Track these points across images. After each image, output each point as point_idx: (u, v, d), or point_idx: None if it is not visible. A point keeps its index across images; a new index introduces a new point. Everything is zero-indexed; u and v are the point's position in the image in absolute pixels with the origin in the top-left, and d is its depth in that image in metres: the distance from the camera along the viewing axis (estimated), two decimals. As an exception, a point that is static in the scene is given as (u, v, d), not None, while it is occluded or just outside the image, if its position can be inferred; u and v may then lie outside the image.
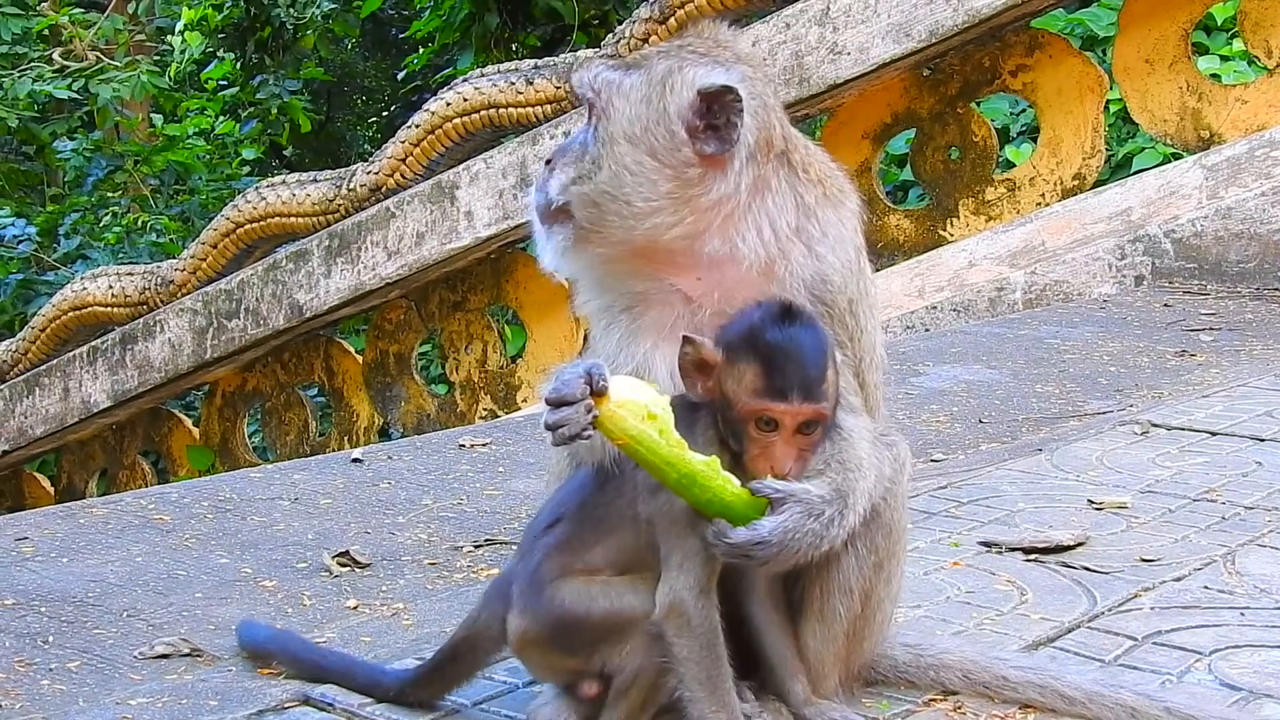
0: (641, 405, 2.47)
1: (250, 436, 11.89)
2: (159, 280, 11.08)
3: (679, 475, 2.48)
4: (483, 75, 10.16)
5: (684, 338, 2.58)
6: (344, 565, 4.06)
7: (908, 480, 2.82)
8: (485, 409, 10.48)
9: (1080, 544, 3.89)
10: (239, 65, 20.41)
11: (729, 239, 2.69)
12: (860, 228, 2.82)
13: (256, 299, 10.55)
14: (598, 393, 2.44)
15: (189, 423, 11.74)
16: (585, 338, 2.96)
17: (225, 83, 21.63)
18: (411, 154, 10.18)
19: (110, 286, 11.25)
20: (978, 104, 10.00)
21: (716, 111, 2.66)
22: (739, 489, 2.51)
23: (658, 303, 2.74)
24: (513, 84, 9.90)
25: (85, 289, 11.37)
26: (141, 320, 11.02)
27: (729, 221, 2.69)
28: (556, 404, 2.44)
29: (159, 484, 9.34)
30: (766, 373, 2.52)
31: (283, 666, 3.12)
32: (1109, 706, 2.81)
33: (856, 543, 2.69)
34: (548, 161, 2.80)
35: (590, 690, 2.61)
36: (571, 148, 2.78)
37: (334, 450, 9.84)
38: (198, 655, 3.38)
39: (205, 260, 10.92)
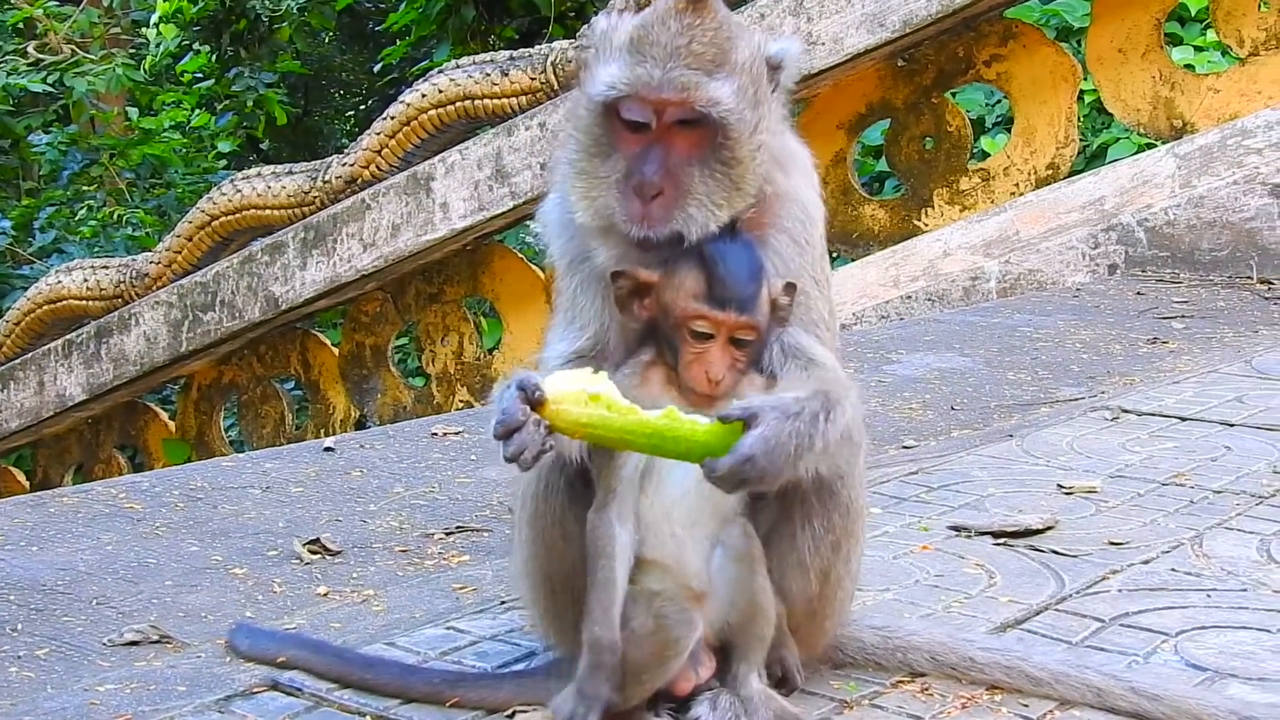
0: (580, 392, 2.46)
1: (227, 430, 11.84)
2: (134, 273, 11.02)
3: (646, 438, 2.46)
4: (458, 67, 10.12)
5: (613, 274, 2.60)
6: (315, 553, 4.07)
7: (864, 459, 2.82)
8: (462, 401, 10.46)
9: (1049, 528, 3.92)
10: (214, 58, 20.30)
11: None
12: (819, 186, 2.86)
13: (232, 292, 10.51)
14: (536, 404, 2.43)
15: (165, 416, 11.69)
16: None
17: (201, 75, 21.52)
18: (387, 146, 10.15)
19: (85, 280, 11.18)
20: (953, 94, 10.01)
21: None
22: (710, 425, 2.46)
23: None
24: (488, 75, 9.88)
25: (60, 282, 11.30)
26: (116, 313, 10.96)
27: None
28: (506, 435, 2.42)
29: (134, 477, 9.28)
30: (705, 280, 2.58)
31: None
32: (1075, 687, 2.82)
33: (813, 520, 2.69)
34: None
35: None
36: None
37: (310, 443, 9.80)
38: (167, 642, 3.38)
39: (180, 253, 10.86)
